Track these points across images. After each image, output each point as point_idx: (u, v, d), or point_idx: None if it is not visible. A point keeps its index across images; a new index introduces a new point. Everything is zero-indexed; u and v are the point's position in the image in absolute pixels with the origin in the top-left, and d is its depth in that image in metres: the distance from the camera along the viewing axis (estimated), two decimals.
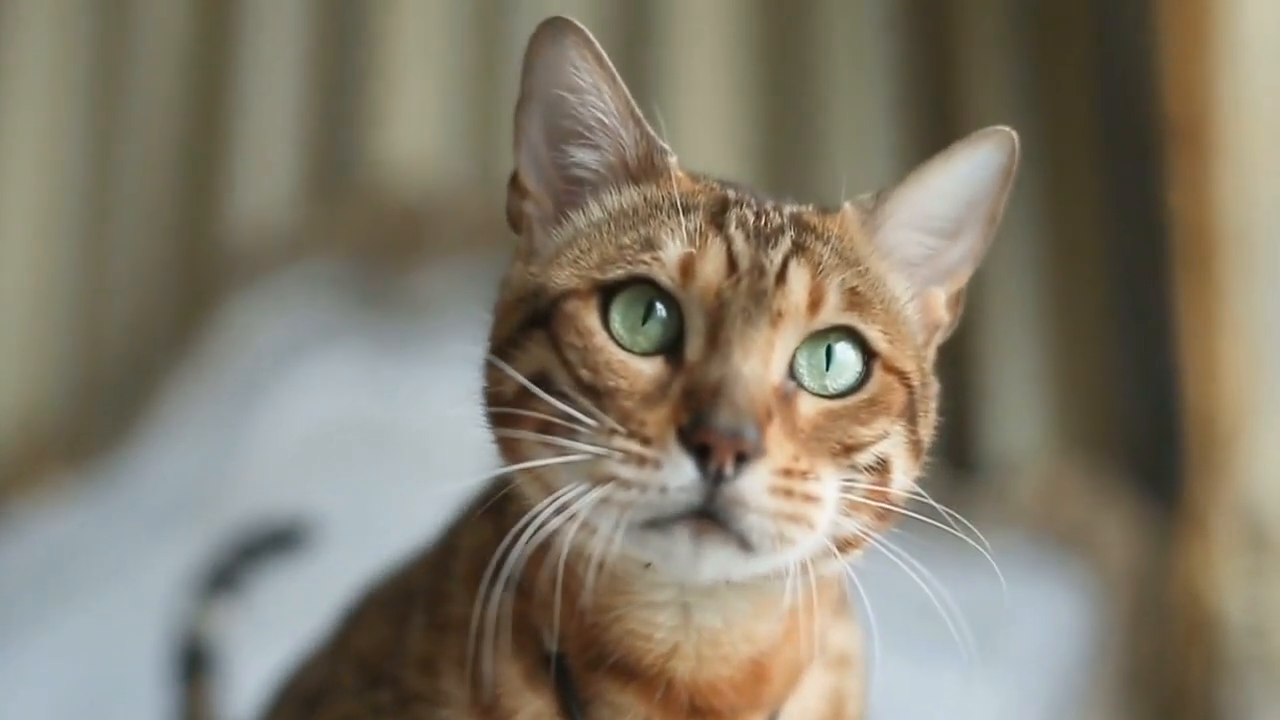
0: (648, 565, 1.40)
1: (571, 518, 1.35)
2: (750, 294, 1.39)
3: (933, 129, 3.76)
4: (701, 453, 1.32)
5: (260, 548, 2.35)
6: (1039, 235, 3.65)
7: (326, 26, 3.85)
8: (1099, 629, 3.16)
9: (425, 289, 3.51)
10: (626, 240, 1.44)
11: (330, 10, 3.87)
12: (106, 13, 3.92)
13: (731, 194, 1.50)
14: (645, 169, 1.50)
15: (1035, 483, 3.37)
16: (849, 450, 1.42)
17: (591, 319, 1.40)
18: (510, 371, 1.42)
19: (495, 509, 1.55)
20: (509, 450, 1.44)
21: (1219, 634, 3.28)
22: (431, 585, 1.59)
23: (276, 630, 2.07)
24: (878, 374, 1.45)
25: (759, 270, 1.40)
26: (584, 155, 1.51)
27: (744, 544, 1.34)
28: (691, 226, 1.43)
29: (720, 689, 1.49)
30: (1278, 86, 3.42)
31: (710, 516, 1.33)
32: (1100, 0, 3.82)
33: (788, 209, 1.51)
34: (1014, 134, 1.56)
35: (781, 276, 1.41)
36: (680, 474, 1.32)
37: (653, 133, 1.50)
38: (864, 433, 1.43)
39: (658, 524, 1.34)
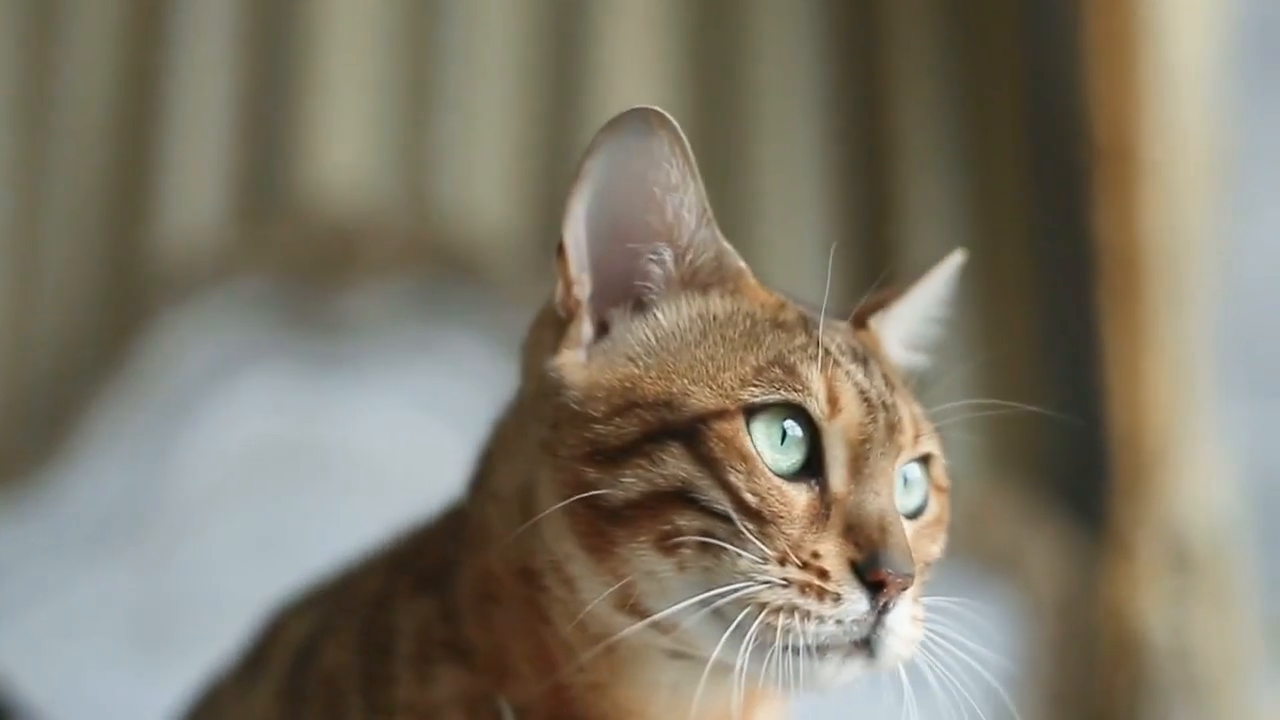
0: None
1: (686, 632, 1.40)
2: (885, 429, 1.46)
3: (862, 155, 3.77)
4: (873, 588, 1.39)
5: None
6: (966, 259, 3.66)
7: (257, 46, 3.83)
8: (1026, 651, 3.17)
9: (355, 309, 3.50)
10: (756, 361, 1.45)
11: (260, 29, 3.84)
12: (33, 30, 3.89)
13: (801, 308, 1.55)
14: (715, 272, 1.51)
15: (962, 506, 3.37)
16: (927, 567, 1.51)
17: (748, 443, 1.42)
18: (634, 479, 1.42)
19: (432, 582, 1.57)
20: (601, 555, 1.44)
21: (1144, 657, 3.31)
22: (363, 667, 1.59)
23: None
24: (933, 493, 1.55)
25: (885, 405, 1.47)
26: (661, 252, 1.50)
27: (875, 662, 1.41)
28: (815, 353, 1.46)
29: None
30: (1204, 111, 3.45)
31: (860, 642, 1.40)
32: (1029, 26, 3.83)
33: (842, 325, 1.57)
34: (963, 257, 1.68)
35: (898, 412, 1.48)
36: (856, 608, 1.39)
37: (721, 236, 1.51)
38: (935, 550, 1.55)
39: (811, 650, 1.39)
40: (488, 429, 1.66)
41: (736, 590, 1.38)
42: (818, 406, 1.43)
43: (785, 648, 1.38)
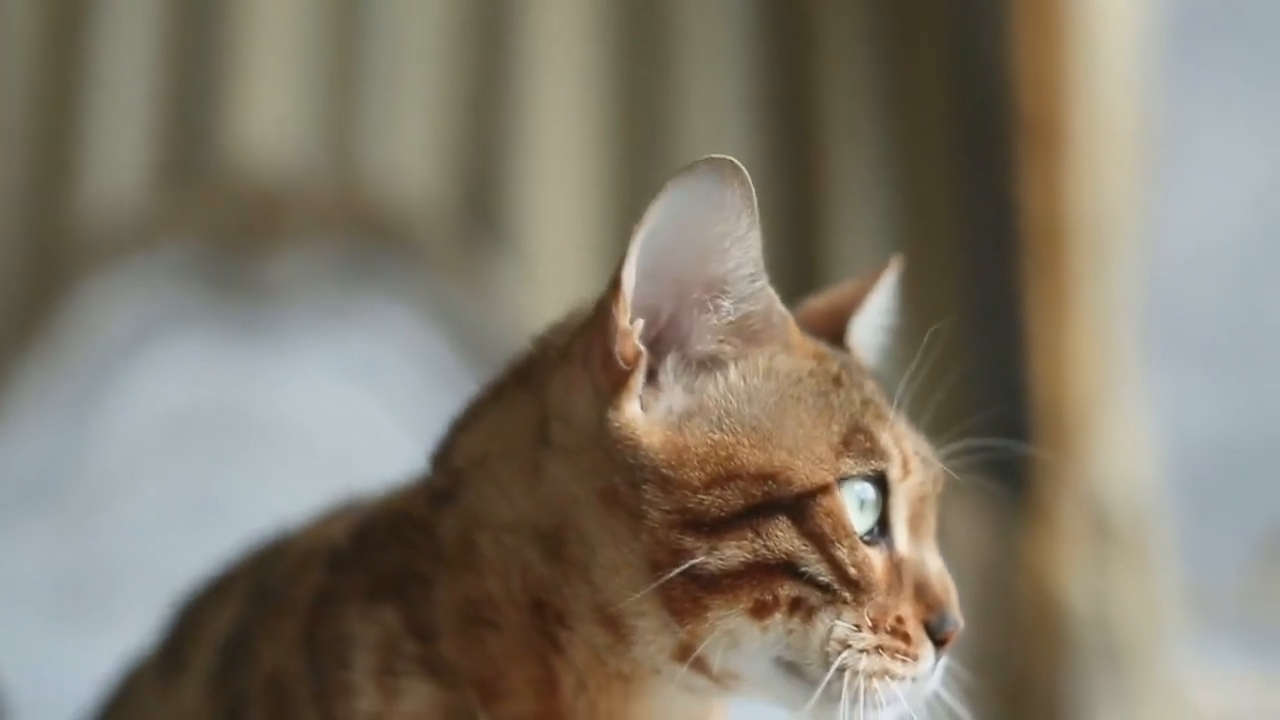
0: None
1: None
2: (934, 484, 1.51)
3: (786, 128, 3.77)
4: (939, 644, 1.44)
5: None
6: (890, 230, 3.68)
7: (181, 8, 3.80)
8: None
9: (281, 275, 3.48)
10: (839, 427, 1.45)
11: None
12: None
13: (833, 353, 1.55)
14: (765, 324, 1.49)
15: None
16: None
17: (849, 517, 1.43)
18: (737, 551, 1.41)
19: (390, 590, 1.54)
20: (684, 616, 1.43)
21: (1064, 623, 3.33)
22: (313, 675, 1.56)
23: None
24: None
25: (929, 459, 1.51)
26: (722, 304, 1.47)
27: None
28: (879, 412, 1.48)
29: None
30: (1128, 82, 3.47)
31: None
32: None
33: (845, 355, 1.59)
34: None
35: (936, 464, 1.53)
36: (928, 665, 1.44)
37: (770, 287, 1.49)
38: None
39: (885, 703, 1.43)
40: (438, 434, 1.62)
41: (833, 658, 1.41)
42: (895, 471, 1.45)
43: (866, 704, 1.41)
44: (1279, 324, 3.70)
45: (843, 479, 1.43)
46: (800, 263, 3.67)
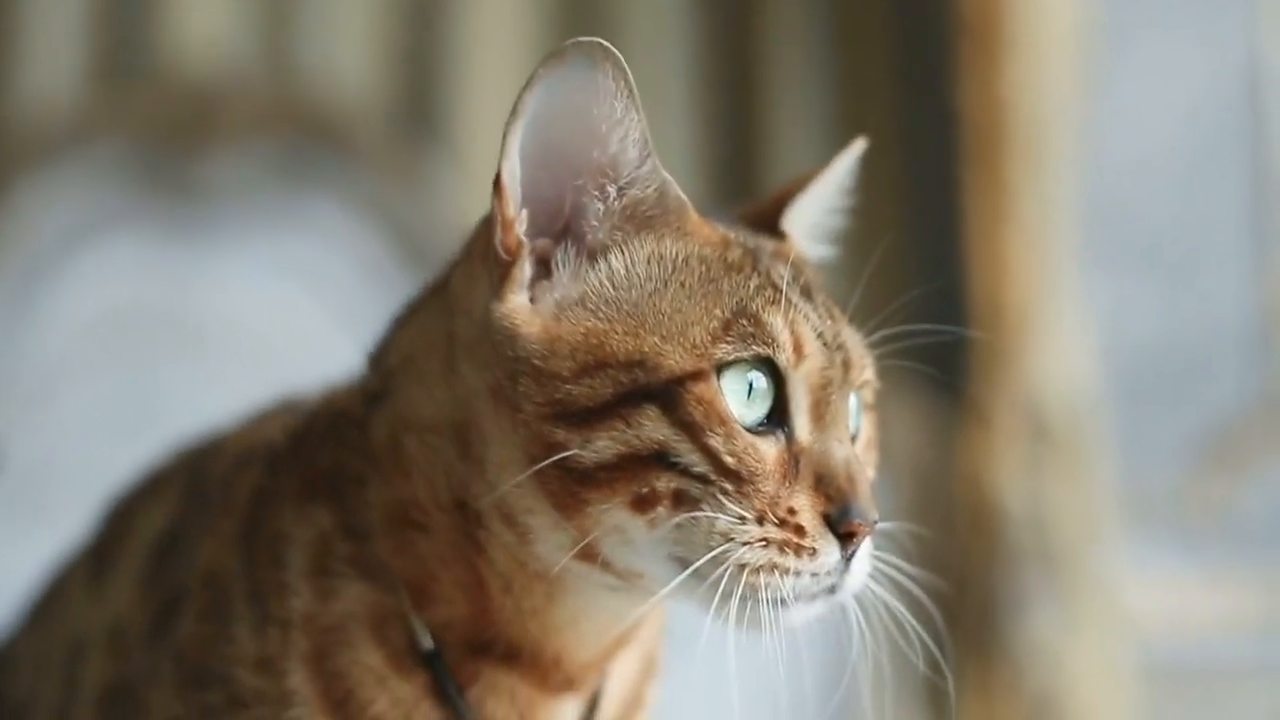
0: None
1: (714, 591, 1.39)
2: (842, 369, 1.44)
3: (726, 31, 3.75)
4: (844, 538, 1.39)
5: None
6: (830, 133, 3.67)
7: None
8: (885, 520, 3.21)
9: (216, 174, 3.45)
10: (722, 312, 1.42)
11: None
12: None
13: (742, 238, 1.51)
14: (660, 208, 1.47)
15: None
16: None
17: (725, 404, 1.39)
18: (607, 442, 1.40)
19: (326, 491, 1.53)
20: (571, 512, 1.42)
21: (1000, 525, 3.35)
22: (249, 573, 1.56)
23: None
24: (864, 412, 1.53)
25: (839, 344, 1.45)
26: (606, 190, 1.45)
27: (832, 599, 1.43)
28: (773, 296, 1.43)
29: (599, 662, 1.55)
30: None
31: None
32: None
33: (769, 245, 1.54)
34: (865, 144, 1.65)
35: (848, 347, 1.47)
36: (831, 560, 1.39)
37: (662, 168, 1.47)
38: (872, 471, 1.52)
39: (785, 601, 1.39)
40: (379, 332, 1.62)
41: (715, 552, 1.37)
42: (784, 356, 1.41)
43: (763, 601, 1.38)
44: (1217, 229, 3.72)
45: (720, 365, 1.40)
46: (739, 167, 3.66)
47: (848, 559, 1.40)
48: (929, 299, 3.61)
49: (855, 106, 3.69)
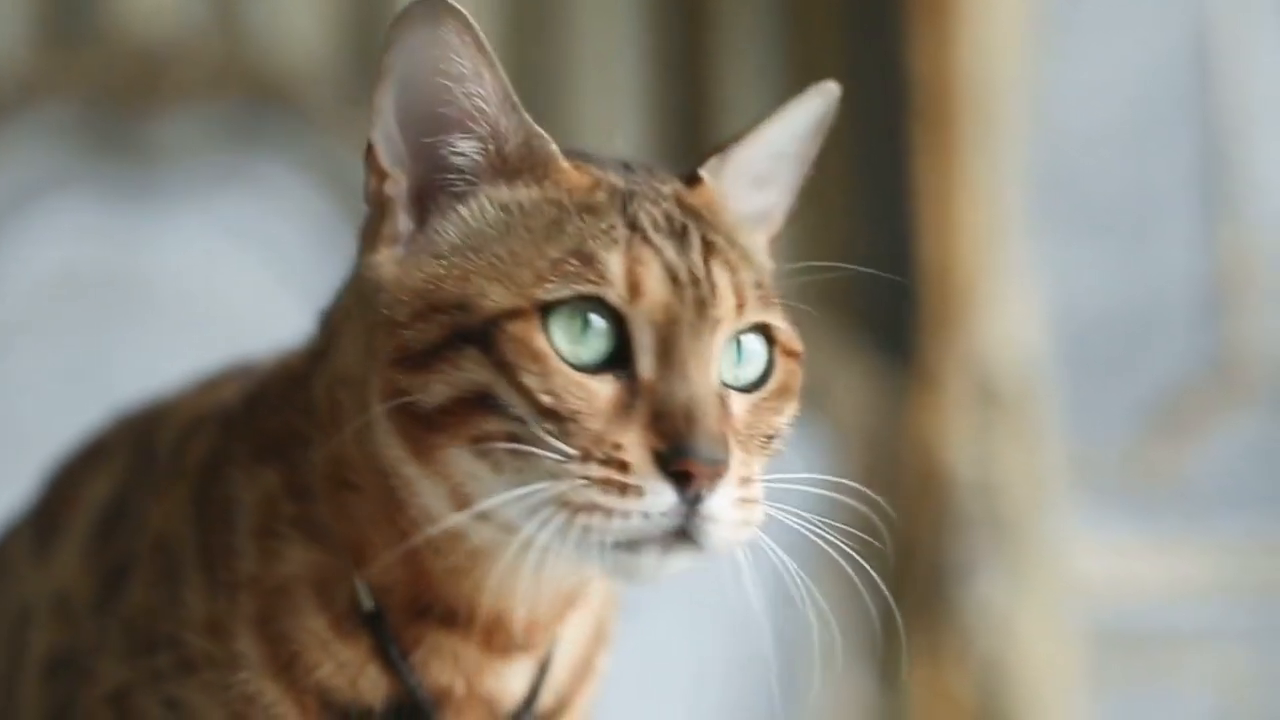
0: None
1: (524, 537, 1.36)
2: (694, 307, 1.39)
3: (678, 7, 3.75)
4: (680, 478, 1.33)
5: None
6: (779, 94, 3.66)
7: None
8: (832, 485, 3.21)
9: (164, 136, 3.44)
10: (555, 253, 1.40)
11: None
12: None
13: (619, 181, 1.49)
14: (525, 159, 1.47)
15: None
16: (769, 440, 1.45)
17: (543, 342, 1.37)
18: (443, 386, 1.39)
19: (274, 452, 1.53)
20: (425, 459, 1.41)
21: (949, 490, 3.37)
22: (199, 536, 1.55)
23: None
24: (780, 360, 1.49)
25: (695, 281, 1.40)
26: (460, 143, 1.46)
27: (701, 551, 1.36)
28: (619, 235, 1.41)
29: (542, 623, 1.53)
30: None
31: (678, 533, 1.35)
32: None
33: (667, 190, 1.50)
34: (837, 89, 1.59)
35: (712, 284, 1.41)
36: (662, 500, 1.33)
37: (529, 120, 1.46)
38: (779, 421, 1.48)
39: (626, 545, 1.35)
40: (331, 292, 1.61)
41: (541, 492, 1.34)
42: (615, 294, 1.38)
43: (596, 544, 1.34)
44: (1167, 195, 3.73)
45: (542, 305, 1.38)
46: (686, 128, 3.66)
47: (691, 502, 1.34)
48: (878, 262, 3.63)
49: (804, 68, 3.68)
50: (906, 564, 3.34)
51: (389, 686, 1.52)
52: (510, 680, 1.55)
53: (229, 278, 3.30)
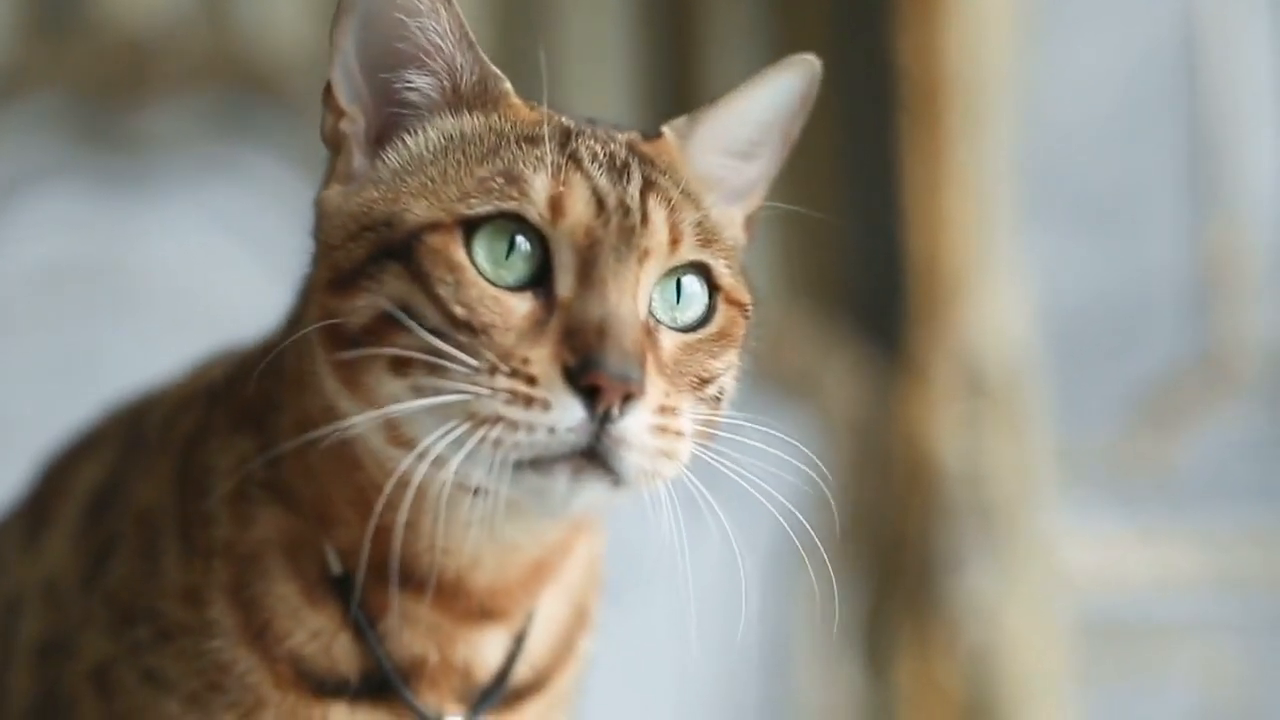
0: (476, 493, 1.41)
1: (440, 459, 1.35)
2: (620, 232, 1.40)
3: None
4: (589, 394, 1.33)
5: None
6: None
7: None
8: (821, 476, 3.22)
9: (151, 127, 3.43)
10: (483, 173, 1.42)
11: None
12: None
13: (570, 122, 1.50)
14: (479, 95, 1.50)
15: (760, 330, 3.39)
16: (703, 383, 1.45)
17: (459, 254, 1.38)
18: (367, 302, 1.40)
19: (251, 420, 1.53)
20: (354, 388, 1.42)
21: (937, 481, 3.37)
22: (179, 506, 1.56)
23: None
24: (722, 307, 1.49)
25: (625, 208, 1.41)
26: (416, 79, 1.49)
27: (617, 479, 1.36)
28: (552, 160, 1.42)
29: (510, 590, 1.54)
30: None
31: (589, 455, 1.35)
32: None
33: (621, 136, 1.51)
34: (818, 62, 1.61)
35: (644, 214, 1.42)
36: (569, 415, 1.33)
37: (485, 58, 1.49)
38: (716, 365, 1.47)
39: (537, 464, 1.35)
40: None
41: (450, 405, 1.35)
42: (536, 212, 1.40)
43: (504, 461, 1.34)
44: (1155, 187, 3.73)
45: (464, 220, 1.40)
46: (672, 118, 3.65)
47: (601, 419, 1.34)
48: (866, 253, 3.63)
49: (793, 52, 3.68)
50: (895, 554, 3.35)
51: (363, 657, 1.54)
52: (483, 650, 1.56)
53: (217, 268, 3.30)
